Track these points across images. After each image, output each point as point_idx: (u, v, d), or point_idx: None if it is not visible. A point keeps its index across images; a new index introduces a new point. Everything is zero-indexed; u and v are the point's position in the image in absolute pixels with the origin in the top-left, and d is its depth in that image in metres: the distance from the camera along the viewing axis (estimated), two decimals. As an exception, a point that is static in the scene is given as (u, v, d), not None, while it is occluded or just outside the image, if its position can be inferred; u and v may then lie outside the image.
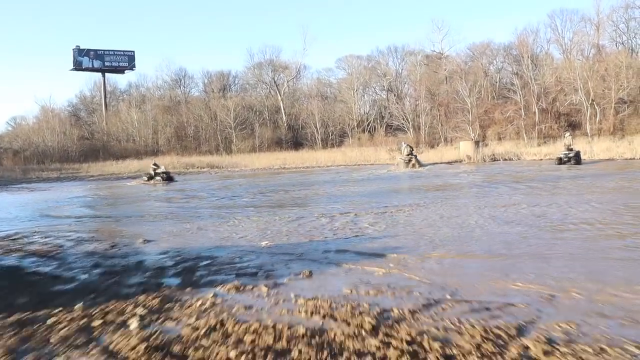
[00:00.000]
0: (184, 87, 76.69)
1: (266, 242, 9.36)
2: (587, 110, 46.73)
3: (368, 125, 65.69)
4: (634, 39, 58.37)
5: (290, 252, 8.45)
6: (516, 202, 12.96)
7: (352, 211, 12.96)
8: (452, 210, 12.14)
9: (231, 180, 29.39)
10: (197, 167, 45.42)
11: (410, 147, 35.72)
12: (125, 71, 71.38)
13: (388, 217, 11.69)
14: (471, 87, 53.29)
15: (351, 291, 6.03)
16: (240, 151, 58.49)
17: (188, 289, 6.32)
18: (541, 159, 33.73)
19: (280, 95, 69.85)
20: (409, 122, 57.48)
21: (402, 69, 71.27)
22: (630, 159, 29.98)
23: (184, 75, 76.28)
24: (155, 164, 31.01)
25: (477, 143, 37.71)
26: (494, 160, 35.13)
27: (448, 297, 5.67)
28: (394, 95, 66.50)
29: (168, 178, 29.47)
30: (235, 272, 7.20)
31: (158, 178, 29.24)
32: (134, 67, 70.63)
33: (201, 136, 63.85)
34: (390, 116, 62.58)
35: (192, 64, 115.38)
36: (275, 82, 72.54)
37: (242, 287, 6.31)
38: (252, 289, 6.28)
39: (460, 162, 35.40)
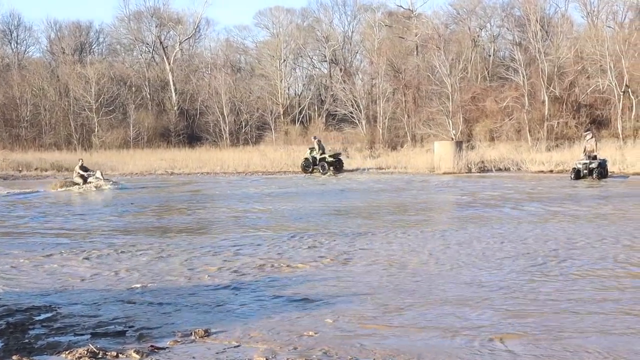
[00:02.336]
0: (16, 43, 74.86)
1: (140, 284, 9.29)
2: (620, 101, 48.59)
3: (301, 112, 66.01)
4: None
5: (177, 300, 8.42)
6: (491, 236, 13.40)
7: (266, 241, 13.08)
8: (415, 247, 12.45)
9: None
10: (37, 169, 44.41)
11: (320, 141, 38.22)
12: None
13: (320, 246, 11.91)
14: (453, 62, 54.49)
15: (266, 359, 6.08)
16: (106, 146, 57.49)
17: (15, 358, 6.19)
18: (551, 171, 34.88)
19: (170, 64, 69.27)
20: (360, 111, 58.19)
21: (353, 32, 72.14)
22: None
23: (17, 24, 74.53)
24: (83, 167, 31.12)
25: (459, 144, 38.63)
26: (484, 171, 36.04)
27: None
28: (340, 70, 67.17)
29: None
30: (92, 329, 7.10)
31: (98, 183, 29.86)
32: None
33: (43, 121, 62.37)
34: (334, 101, 63.06)
35: (31, 8, 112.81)
36: (161, 43, 71.88)
37: (101, 354, 6.24)
38: (117, 356, 6.22)
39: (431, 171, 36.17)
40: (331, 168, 36.14)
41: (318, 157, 36.65)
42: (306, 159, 37.44)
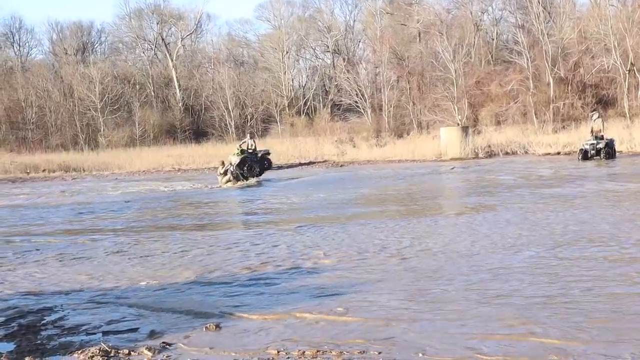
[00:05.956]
0: (19, 46, 75.13)
1: (147, 281, 9.32)
2: (625, 80, 48.52)
3: (306, 104, 65.99)
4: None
5: (186, 295, 8.44)
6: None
7: (285, 231, 13.09)
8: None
9: (98, 183, 28.92)
10: (44, 171, 44.53)
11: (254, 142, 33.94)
12: None
13: (335, 233, 11.92)
14: (456, 47, 54.39)
15: (278, 352, 6.08)
16: (112, 145, 57.60)
17: (28, 359, 6.22)
18: (558, 153, 34.81)
19: (172, 60, 69.31)
20: (365, 100, 58.14)
21: (354, 21, 72.06)
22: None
23: (19, 27, 74.77)
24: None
25: (465, 130, 38.57)
26: (491, 155, 35.98)
27: (420, 356, 5.81)
28: (344, 60, 67.11)
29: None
30: (103, 328, 7.12)
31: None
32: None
33: (49, 122, 62.54)
34: (339, 91, 63.02)
35: (32, 10, 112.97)
36: (163, 39, 71.90)
37: (113, 353, 6.24)
38: (129, 354, 6.21)
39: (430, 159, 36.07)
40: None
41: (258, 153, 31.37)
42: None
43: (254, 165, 27.74)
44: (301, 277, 9.16)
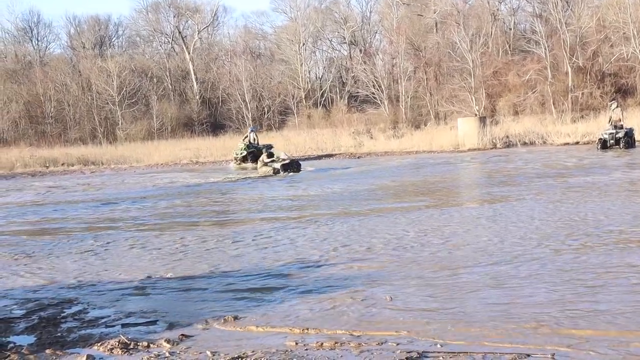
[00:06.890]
0: (37, 40, 75.51)
1: (166, 273, 9.36)
2: (644, 69, 48.29)
3: (322, 95, 65.97)
4: None
5: (205, 288, 8.48)
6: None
7: (306, 225, 13.09)
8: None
9: (121, 178, 29.04)
10: (63, 164, 44.73)
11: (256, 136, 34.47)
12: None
13: (333, 225, 11.90)
14: (473, 37, 54.18)
15: (296, 344, 6.08)
16: (130, 138, 57.80)
17: (48, 352, 6.24)
18: (577, 142, 34.59)
19: (189, 53, 69.42)
20: (382, 91, 58.04)
21: (370, 12, 71.92)
22: None
23: (37, 22, 75.16)
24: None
25: (483, 120, 38.42)
26: (509, 146, 35.81)
27: (439, 347, 5.79)
28: (360, 51, 67.06)
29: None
30: (122, 320, 7.17)
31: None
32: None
33: (67, 116, 62.85)
34: (355, 82, 62.99)
35: (50, 4, 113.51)
36: (180, 32, 72.05)
37: (132, 345, 6.27)
38: (148, 346, 6.24)
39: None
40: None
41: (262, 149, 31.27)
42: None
43: (293, 172, 28.17)
44: (320, 270, 9.14)
